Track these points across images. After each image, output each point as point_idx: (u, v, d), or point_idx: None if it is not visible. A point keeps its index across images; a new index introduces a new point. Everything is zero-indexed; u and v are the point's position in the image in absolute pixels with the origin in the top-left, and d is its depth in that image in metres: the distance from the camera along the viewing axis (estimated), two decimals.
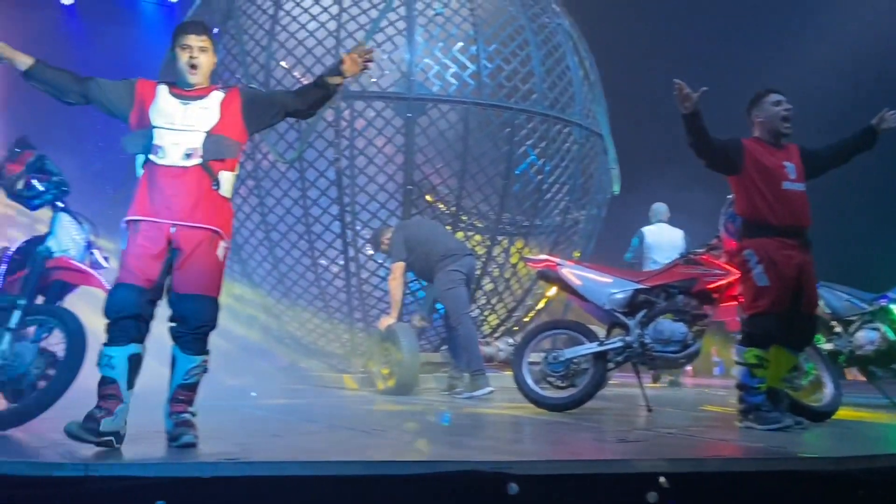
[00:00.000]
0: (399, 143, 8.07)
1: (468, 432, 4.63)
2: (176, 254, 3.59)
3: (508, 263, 8.70)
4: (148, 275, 3.54)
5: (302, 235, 8.18)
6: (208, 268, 3.63)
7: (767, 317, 4.39)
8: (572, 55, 8.85)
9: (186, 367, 3.62)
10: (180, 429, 3.56)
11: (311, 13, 8.23)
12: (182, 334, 3.62)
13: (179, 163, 3.61)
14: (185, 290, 3.58)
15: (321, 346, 8.86)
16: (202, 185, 3.62)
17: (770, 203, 4.46)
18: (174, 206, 3.58)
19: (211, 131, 3.66)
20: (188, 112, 3.68)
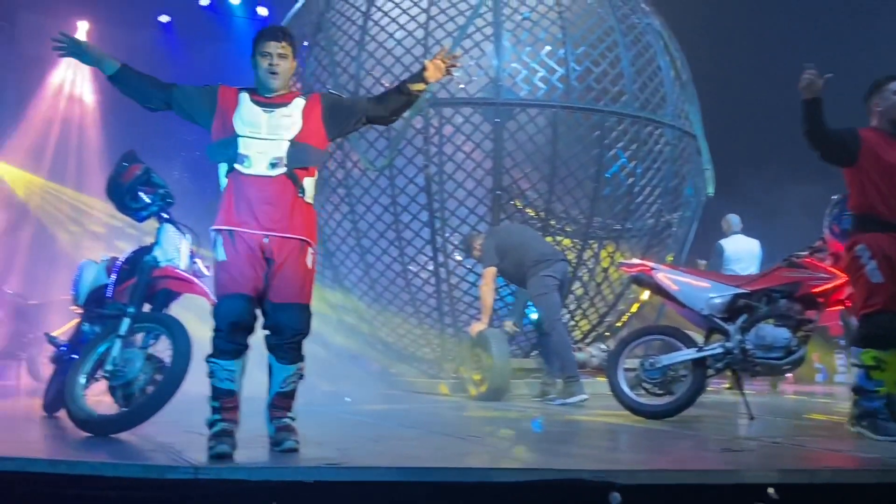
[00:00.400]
0: (487, 149, 8.07)
1: (564, 439, 4.58)
2: (269, 263, 3.60)
3: (599, 268, 8.59)
4: (254, 283, 3.56)
5: (392, 241, 8.27)
6: (300, 276, 3.65)
7: (883, 315, 4.14)
8: (663, 55, 8.69)
9: (283, 376, 3.66)
10: (282, 434, 3.61)
11: (399, 22, 8.32)
12: (278, 344, 3.63)
13: (266, 172, 3.61)
14: (281, 299, 3.59)
15: (412, 352, 8.93)
16: (289, 194, 3.63)
17: (885, 197, 4.22)
18: (264, 217, 3.58)
19: (295, 139, 3.66)
20: (272, 120, 3.66)
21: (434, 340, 8.61)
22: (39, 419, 5.18)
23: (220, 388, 3.56)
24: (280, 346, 3.62)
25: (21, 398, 7.07)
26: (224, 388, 3.55)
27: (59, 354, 5.35)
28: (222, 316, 3.55)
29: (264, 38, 3.76)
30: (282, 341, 3.61)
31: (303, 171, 3.68)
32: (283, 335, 3.61)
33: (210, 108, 3.73)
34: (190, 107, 3.76)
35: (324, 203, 8.55)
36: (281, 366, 3.63)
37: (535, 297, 6.99)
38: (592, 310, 8.73)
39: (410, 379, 8.83)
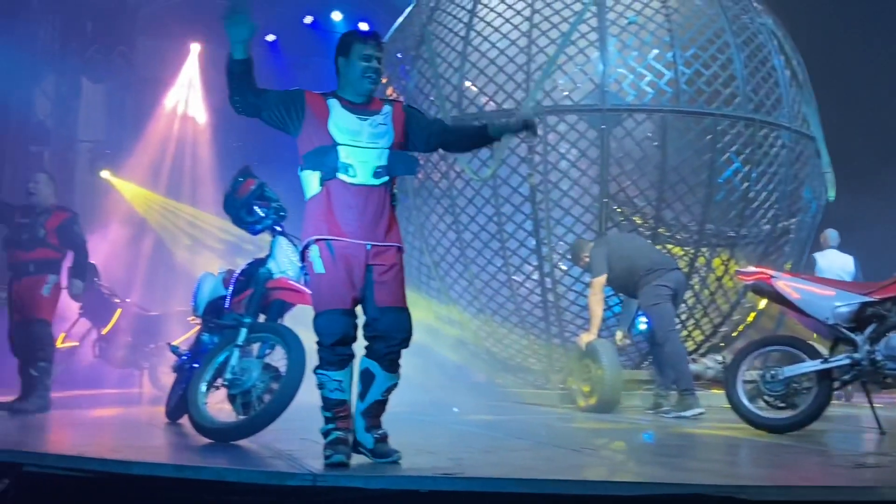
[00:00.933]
0: (593, 156, 7.94)
1: (682, 453, 4.44)
2: (372, 270, 3.58)
3: (713, 276, 8.33)
4: (353, 293, 3.55)
5: (496, 251, 8.23)
6: (401, 281, 3.67)
7: None
8: (777, 55, 8.38)
9: (386, 385, 3.63)
10: (385, 446, 3.60)
11: (502, 32, 8.29)
12: (385, 351, 3.60)
13: (370, 181, 3.60)
14: (387, 303, 3.58)
15: (517, 362, 8.86)
16: (387, 202, 3.66)
17: None
18: (367, 226, 3.58)
19: (392, 147, 3.68)
20: (370, 128, 3.65)
21: (540, 351, 8.51)
22: (163, 426, 5.37)
23: (331, 398, 3.58)
24: (388, 353, 3.60)
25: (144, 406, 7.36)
26: (335, 398, 3.57)
27: (181, 364, 5.55)
28: (326, 333, 3.55)
29: (365, 39, 3.71)
30: (390, 347, 3.60)
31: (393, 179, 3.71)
32: (391, 340, 3.59)
33: (299, 115, 3.66)
34: (281, 113, 3.66)
35: (428, 214, 8.60)
36: (385, 374, 3.61)
37: (648, 307, 6.81)
38: (706, 320, 8.46)
39: (517, 390, 8.75)
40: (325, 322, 3.54)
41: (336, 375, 3.56)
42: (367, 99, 3.72)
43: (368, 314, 3.61)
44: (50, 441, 4.91)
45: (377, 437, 3.61)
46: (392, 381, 3.64)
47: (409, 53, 8.99)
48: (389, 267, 3.61)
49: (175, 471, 3.32)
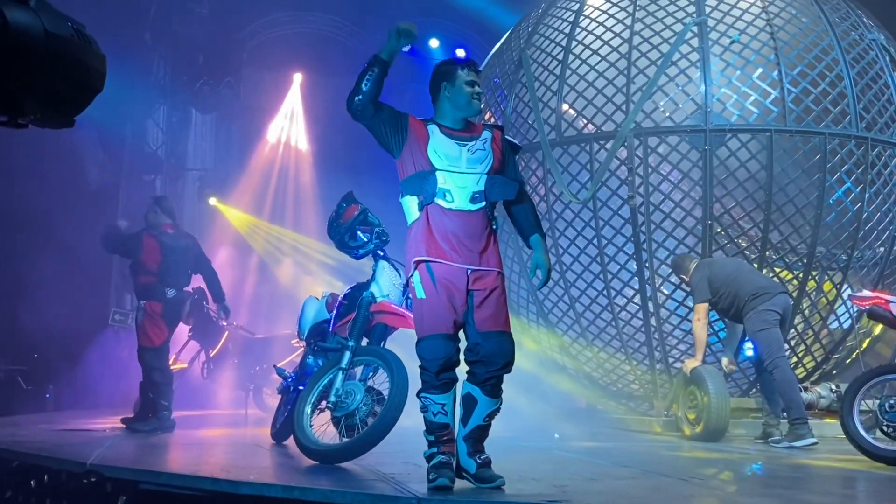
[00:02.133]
0: (696, 177, 7.78)
1: (796, 485, 4.26)
2: (473, 295, 3.62)
3: (824, 300, 8.00)
4: (453, 317, 3.60)
5: (597, 275, 8.13)
6: (503, 306, 3.68)
7: None
8: (891, 71, 8.05)
9: (488, 410, 3.64)
10: (487, 470, 3.59)
11: (601, 54, 8.24)
12: (488, 376, 3.61)
13: (468, 206, 3.66)
14: (489, 328, 3.61)
15: (619, 388, 8.70)
16: (487, 227, 3.70)
17: None
18: (466, 250, 3.63)
19: (490, 172, 3.72)
20: (468, 154, 3.71)
21: (643, 377, 8.34)
22: (269, 447, 5.50)
23: (434, 421, 3.61)
24: (490, 377, 3.61)
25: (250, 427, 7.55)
26: (438, 421, 3.61)
27: (286, 386, 5.68)
28: (429, 358, 3.59)
29: (466, 66, 3.81)
30: (492, 372, 3.61)
31: (492, 204, 3.74)
32: (493, 365, 3.61)
33: (402, 137, 3.73)
34: (388, 130, 3.72)
35: None
36: (487, 399, 3.63)
37: (755, 332, 6.60)
38: (817, 346, 8.13)
39: (619, 416, 8.60)
40: (427, 347, 3.60)
41: (439, 399, 3.60)
42: (465, 125, 3.80)
43: (470, 339, 3.65)
44: (164, 460, 5.10)
45: (480, 461, 3.61)
46: (494, 406, 3.64)
47: (508, 78, 9.03)
48: (490, 291, 3.64)
49: (283, 491, 3.39)
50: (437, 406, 3.59)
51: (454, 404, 3.64)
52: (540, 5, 9.40)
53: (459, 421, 3.66)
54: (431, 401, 3.59)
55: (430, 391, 3.60)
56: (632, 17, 8.27)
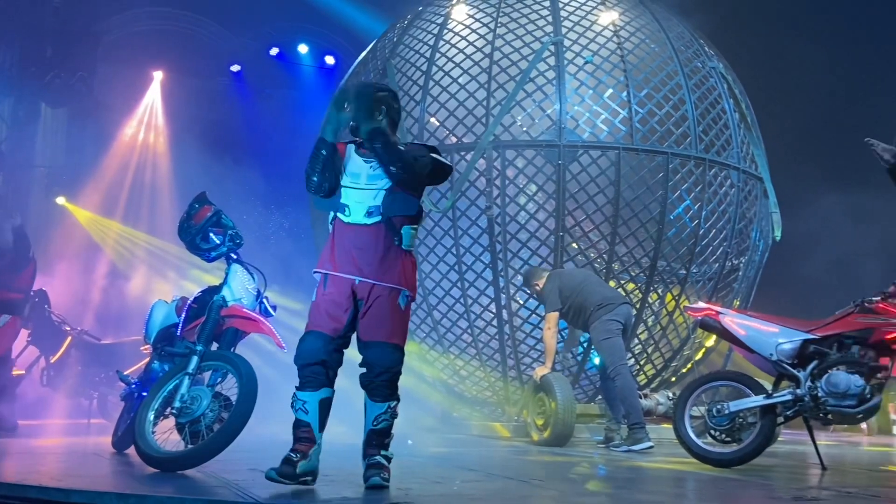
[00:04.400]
0: (550, 190, 8.08)
1: (630, 486, 4.49)
2: (360, 304, 3.78)
3: (664, 312, 8.47)
4: (334, 324, 3.76)
5: (455, 283, 8.29)
6: (389, 316, 3.78)
7: None
8: (727, 98, 8.64)
9: (375, 413, 3.79)
10: (372, 471, 3.72)
11: (463, 67, 8.44)
12: (368, 381, 3.77)
13: (362, 220, 3.80)
14: (368, 337, 3.77)
15: (474, 395, 8.88)
16: (384, 241, 3.79)
17: None
18: (357, 262, 3.77)
19: (390, 188, 3.81)
20: (370, 170, 3.84)
21: (496, 383, 8.56)
22: (109, 455, 5.29)
23: (295, 417, 3.78)
24: (370, 383, 3.76)
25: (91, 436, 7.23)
26: (297, 417, 3.75)
27: (129, 392, 5.48)
28: (298, 353, 3.78)
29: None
30: (371, 378, 3.76)
31: (401, 218, 3.82)
32: (372, 371, 3.76)
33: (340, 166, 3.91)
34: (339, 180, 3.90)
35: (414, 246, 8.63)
36: (373, 403, 3.78)
37: (599, 341, 6.92)
38: (657, 354, 8.59)
39: (473, 423, 8.78)
40: (300, 343, 3.80)
41: (301, 395, 3.76)
42: None
43: (358, 346, 3.82)
44: None
45: (369, 463, 3.76)
46: (379, 410, 3.78)
47: None
48: (378, 303, 3.77)
49: (118, 499, 3.29)
50: (299, 402, 3.74)
51: (318, 407, 3.75)
52: (406, 16, 9.52)
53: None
54: (296, 396, 3.76)
55: (299, 388, 3.75)
56: (493, 32, 8.52)
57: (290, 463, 3.63)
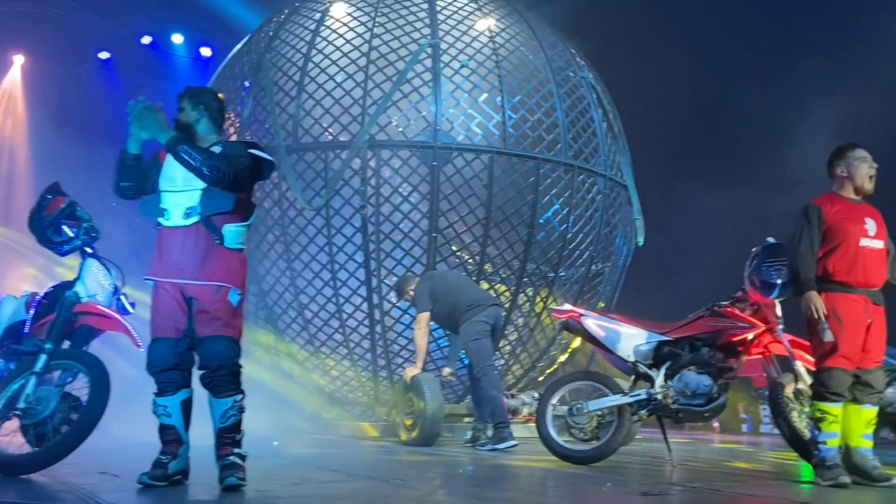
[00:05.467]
0: (424, 191, 8.13)
1: (490, 484, 4.56)
2: (193, 304, 3.77)
3: (533, 313, 8.67)
4: (176, 325, 3.76)
5: (327, 282, 8.22)
6: (221, 312, 3.76)
7: (830, 372, 4.34)
8: (596, 108, 8.93)
9: (221, 410, 3.74)
10: (226, 472, 3.66)
11: (340, 65, 8.39)
12: (209, 379, 3.74)
13: (181, 222, 3.79)
14: (202, 333, 3.75)
15: (344, 395, 8.83)
16: (204, 241, 3.77)
17: (843, 259, 4.44)
18: (180, 265, 3.76)
19: (206, 188, 3.78)
20: (188, 172, 3.77)
21: (367, 384, 8.54)
22: None
23: (159, 422, 3.77)
24: (211, 380, 3.73)
25: None
26: (161, 422, 3.77)
27: None
28: (148, 361, 3.79)
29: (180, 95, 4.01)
30: (210, 374, 3.73)
31: (222, 217, 3.80)
32: (210, 367, 3.74)
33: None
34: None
35: (258, 242, 8.50)
36: (217, 400, 3.74)
37: (468, 342, 7.00)
38: (525, 355, 8.78)
39: (343, 423, 8.73)
40: (149, 351, 3.81)
41: (161, 401, 3.76)
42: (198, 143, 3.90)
43: (194, 345, 3.79)
44: None
45: (224, 464, 3.69)
46: (225, 405, 3.74)
47: (246, 81, 8.91)
48: (205, 301, 3.76)
49: None
50: (160, 407, 3.76)
51: (181, 409, 3.77)
52: (283, 11, 9.39)
53: None
54: (155, 402, 3.77)
55: (158, 394, 3.76)
56: (371, 32, 8.51)
57: (161, 465, 3.66)
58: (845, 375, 4.33)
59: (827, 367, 4.35)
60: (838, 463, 4.34)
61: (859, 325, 4.37)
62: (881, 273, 4.49)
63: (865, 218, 4.52)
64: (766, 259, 4.94)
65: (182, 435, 3.77)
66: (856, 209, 4.55)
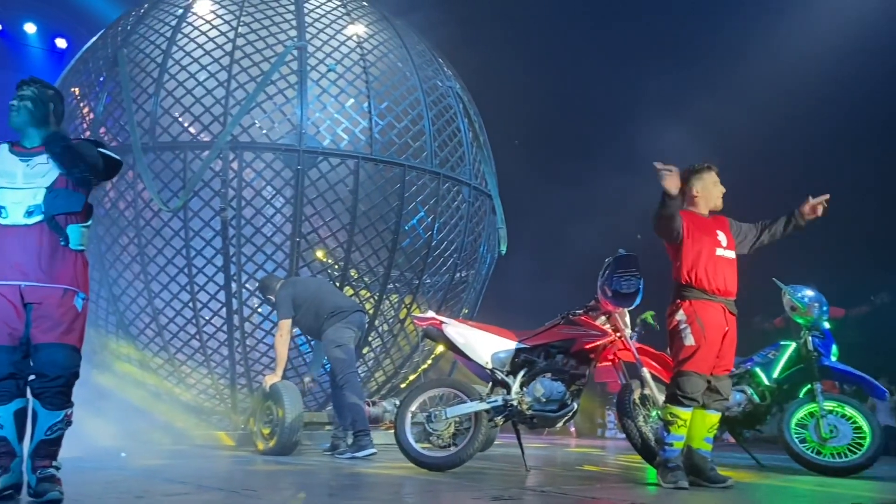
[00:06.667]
0: (288, 195, 7.99)
1: (344, 493, 4.51)
2: (30, 309, 3.59)
3: (397, 320, 8.66)
4: (13, 333, 3.56)
5: (184, 286, 7.94)
6: (64, 317, 3.62)
7: (688, 376, 4.53)
8: (462, 117, 9.03)
9: (49, 423, 3.58)
10: (45, 485, 3.51)
11: (201, 63, 8.13)
12: (43, 389, 3.56)
13: (22, 221, 3.60)
14: (40, 339, 3.58)
15: (200, 403, 8.54)
16: (49, 242, 3.62)
17: (703, 268, 4.68)
18: (21, 266, 3.58)
19: (53, 186, 3.64)
20: (27, 168, 3.65)
21: (225, 392, 8.29)
22: None
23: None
24: (45, 390, 3.56)
25: None
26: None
27: None
28: None
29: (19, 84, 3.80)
30: (46, 384, 3.56)
31: (66, 217, 3.67)
32: (46, 377, 3.56)
33: None
34: None
35: (111, 244, 8.12)
36: (47, 412, 3.57)
37: (330, 349, 6.92)
38: (388, 362, 8.76)
39: (198, 432, 8.43)
40: None
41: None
42: (41, 140, 3.73)
43: (30, 352, 3.61)
44: None
45: (40, 476, 3.53)
46: (56, 418, 3.58)
47: (101, 75, 8.51)
48: (48, 305, 3.59)
49: None
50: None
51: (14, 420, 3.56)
52: (142, 5, 9.03)
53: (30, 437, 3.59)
54: None
55: None
56: (235, 31, 8.30)
57: None
58: (701, 380, 4.54)
59: (685, 370, 4.55)
60: (680, 465, 4.55)
61: (718, 332, 4.61)
62: (735, 282, 4.76)
63: (717, 230, 4.81)
64: (618, 269, 5.12)
65: (15, 448, 3.57)
66: (708, 223, 4.85)
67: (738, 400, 6.33)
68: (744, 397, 6.34)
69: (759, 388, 6.37)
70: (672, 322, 4.71)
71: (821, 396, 6.02)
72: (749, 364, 6.51)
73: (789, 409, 6.13)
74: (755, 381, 6.41)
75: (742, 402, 6.33)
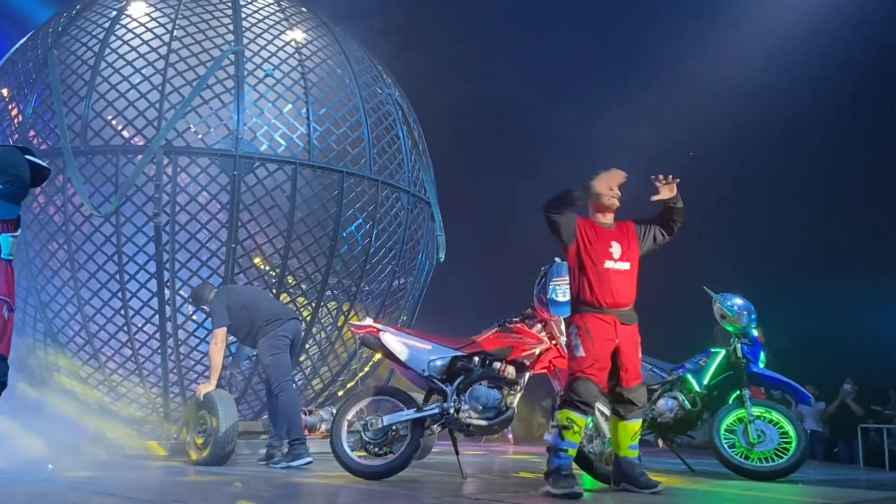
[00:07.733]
0: (224, 201, 7.87)
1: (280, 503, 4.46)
2: None
3: (334, 327, 8.60)
4: None
5: (115, 293, 7.76)
6: None
7: (583, 381, 4.59)
8: (402, 124, 9.04)
9: None
10: None
11: (135, 66, 7.98)
12: None
13: None
14: None
15: (131, 413, 8.35)
16: None
17: (590, 281, 4.76)
18: None
19: None
20: None
21: (157, 401, 8.12)
22: None
23: None
24: None
25: None
26: None
27: None
28: None
29: None
30: None
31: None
32: None
33: None
34: None
35: (39, 250, 7.91)
36: None
37: (265, 357, 6.84)
38: (325, 369, 8.69)
39: (129, 442, 8.23)
40: None
41: None
42: None
43: None
44: None
45: None
46: None
47: (31, 77, 8.29)
48: None
49: None
50: None
51: None
52: (75, 6, 8.83)
53: None
54: None
55: None
56: (170, 34, 8.17)
57: None
58: (593, 386, 4.62)
59: (577, 376, 4.64)
60: (572, 473, 4.60)
61: (608, 345, 4.69)
62: (629, 293, 4.84)
63: (612, 241, 4.86)
64: (553, 278, 5.18)
65: None
66: (605, 234, 4.88)
67: (669, 406, 6.45)
68: (675, 403, 6.45)
69: (690, 394, 6.50)
70: (567, 335, 4.84)
71: (749, 402, 6.17)
72: (681, 371, 6.64)
73: (718, 415, 6.26)
74: (686, 387, 6.53)
75: (674, 408, 6.45)
